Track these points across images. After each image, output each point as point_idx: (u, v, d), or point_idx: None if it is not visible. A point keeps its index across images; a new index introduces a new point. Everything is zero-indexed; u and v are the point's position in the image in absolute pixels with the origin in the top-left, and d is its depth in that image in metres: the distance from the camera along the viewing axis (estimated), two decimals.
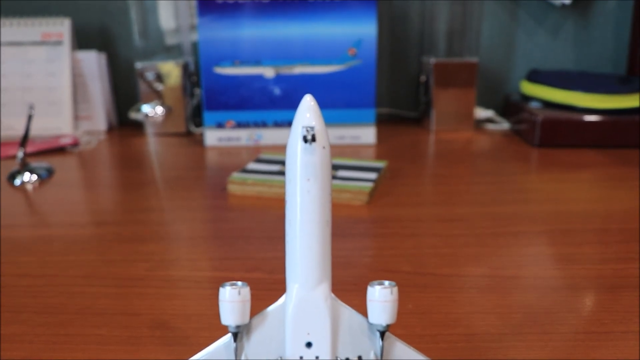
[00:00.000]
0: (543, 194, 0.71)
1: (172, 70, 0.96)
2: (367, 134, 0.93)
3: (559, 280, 0.49)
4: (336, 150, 0.89)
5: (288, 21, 0.88)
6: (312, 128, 0.26)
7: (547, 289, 0.48)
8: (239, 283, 0.27)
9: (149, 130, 0.98)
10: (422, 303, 0.45)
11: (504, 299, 0.46)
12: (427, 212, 0.65)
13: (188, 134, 0.99)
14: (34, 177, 0.75)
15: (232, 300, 0.27)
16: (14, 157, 0.81)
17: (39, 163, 0.79)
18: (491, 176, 0.77)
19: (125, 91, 1.05)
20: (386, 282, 0.27)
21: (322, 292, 0.28)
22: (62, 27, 0.98)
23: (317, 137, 0.26)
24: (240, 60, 0.90)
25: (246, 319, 0.27)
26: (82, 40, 1.02)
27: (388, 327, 0.28)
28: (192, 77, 1.00)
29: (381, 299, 0.27)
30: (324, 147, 0.27)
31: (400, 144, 0.93)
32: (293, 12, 0.87)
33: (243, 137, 0.92)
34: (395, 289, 0.27)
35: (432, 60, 0.97)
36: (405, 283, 0.48)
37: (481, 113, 1.01)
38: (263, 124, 0.92)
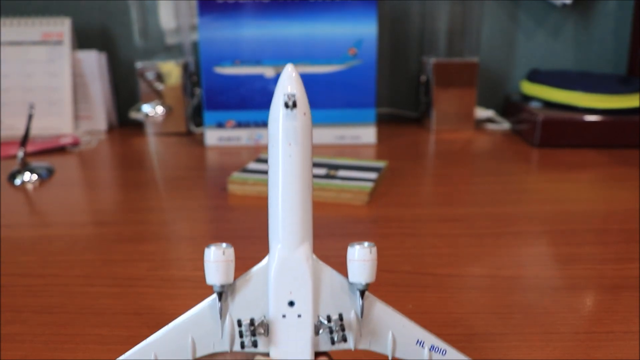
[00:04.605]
0: (543, 194, 0.71)
1: (172, 70, 0.96)
2: (368, 134, 0.93)
3: (559, 280, 0.49)
4: (336, 150, 0.89)
5: (288, 21, 0.88)
6: (293, 95, 0.27)
7: (547, 289, 0.48)
8: (224, 244, 0.28)
9: (149, 130, 0.98)
10: (422, 303, 0.45)
11: (504, 299, 0.46)
12: (427, 212, 0.65)
13: (188, 133, 0.99)
14: (35, 176, 0.75)
15: (216, 260, 0.28)
16: (14, 156, 0.81)
17: (40, 163, 0.80)
18: (491, 176, 0.77)
19: (125, 91, 1.05)
20: (365, 243, 0.28)
21: (303, 252, 0.28)
22: (62, 27, 0.98)
23: (298, 104, 0.27)
24: (240, 60, 0.90)
25: (230, 279, 0.28)
26: (82, 40, 1.02)
27: (367, 286, 0.28)
28: (192, 76, 1.00)
29: (360, 258, 0.28)
30: (304, 114, 0.28)
31: (400, 144, 0.93)
32: (293, 12, 0.87)
33: (243, 136, 0.92)
34: (374, 249, 0.28)
35: (433, 60, 0.97)
36: (406, 283, 0.48)
37: (481, 113, 1.01)
38: (263, 124, 0.92)
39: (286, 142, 0.28)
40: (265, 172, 0.71)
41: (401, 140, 0.95)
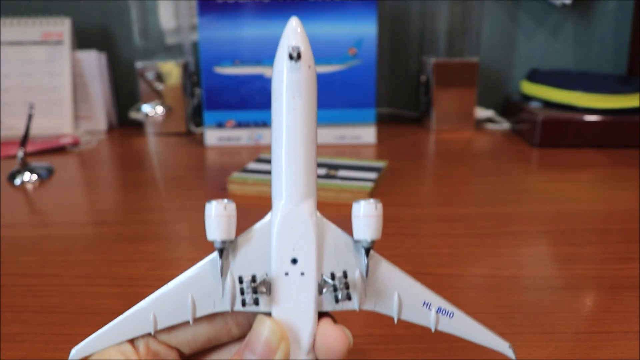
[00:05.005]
0: (543, 194, 0.71)
1: (172, 70, 0.97)
2: (368, 134, 0.93)
3: (559, 280, 0.49)
4: (336, 150, 0.89)
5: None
6: (298, 47, 0.27)
7: (547, 289, 0.48)
8: (226, 200, 0.27)
9: (149, 130, 0.98)
10: None
11: (504, 299, 0.46)
12: (427, 212, 0.65)
13: (188, 133, 0.99)
14: (34, 176, 0.75)
15: (217, 215, 0.27)
16: (14, 156, 0.81)
17: (39, 163, 0.80)
18: (491, 176, 0.77)
19: (125, 91, 1.05)
20: (371, 199, 0.27)
21: (307, 208, 0.27)
22: (62, 27, 0.98)
23: (303, 56, 0.27)
24: (240, 60, 0.90)
25: (232, 235, 0.27)
26: (82, 40, 1.02)
27: (373, 244, 0.27)
28: (192, 76, 1.00)
29: (366, 214, 0.27)
30: (309, 67, 0.27)
31: (400, 143, 0.93)
32: (293, 12, 0.87)
33: (243, 136, 0.92)
34: (380, 205, 0.27)
35: (433, 60, 0.97)
36: None
37: (481, 113, 1.01)
38: (263, 124, 0.92)
39: (290, 95, 0.27)
40: (265, 173, 0.72)
41: (401, 140, 0.95)
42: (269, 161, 0.77)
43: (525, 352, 0.39)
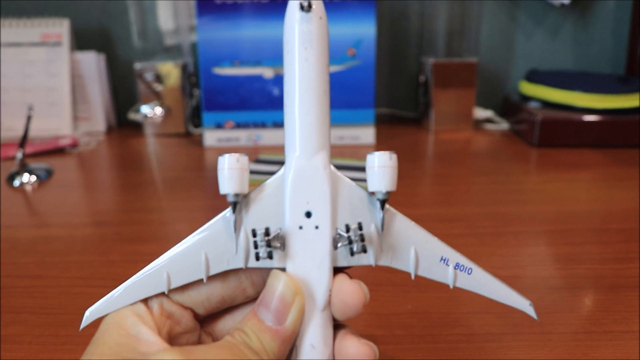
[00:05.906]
0: (543, 194, 0.71)
1: (171, 70, 0.96)
2: (367, 134, 0.93)
3: (559, 280, 0.49)
4: (336, 150, 0.89)
5: None
6: None
7: (547, 288, 0.48)
8: (238, 154, 0.27)
9: (148, 131, 0.98)
10: (421, 303, 0.45)
11: None
12: (427, 212, 0.65)
13: (187, 134, 0.99)
14: (33, 178, 0.75)
15: (230, 168, 0.27)
16: (13, 158, 0.81)
17: (38, 164, 0.79)
18: (491, 176, 0.77)
19: (124, 92, 1.05)
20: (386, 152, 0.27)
21: (321, 160, 0.27)
22: (61, 28, 0.98)
23: (314, 7, 0.26)
24: (239, 61, 0.90)
25: (245, 188, 0.27)
26: (81, 41, 1.02)
27: (389, 195, 0.27)
28: (191, 77, 1.00)
29: (381, 164, 0.27)
30: (320, 18, 0.27)
31: (399, 144, 0.93)
32: None
33: (242, 137, 0.92)
34: (395, 156, 0.27)
35: (432, 60, 0.97)
36: (405, 283, 0.48)
37: (480, 113, 1.01)
38: (262, 125, 0.92)
39: (302, 46, 0.26)
40: (264, 173, 0.71)
41: (400, 141, 0.95)
42: (268, 162, 0.77)
43: (525, 352, 0.39)
